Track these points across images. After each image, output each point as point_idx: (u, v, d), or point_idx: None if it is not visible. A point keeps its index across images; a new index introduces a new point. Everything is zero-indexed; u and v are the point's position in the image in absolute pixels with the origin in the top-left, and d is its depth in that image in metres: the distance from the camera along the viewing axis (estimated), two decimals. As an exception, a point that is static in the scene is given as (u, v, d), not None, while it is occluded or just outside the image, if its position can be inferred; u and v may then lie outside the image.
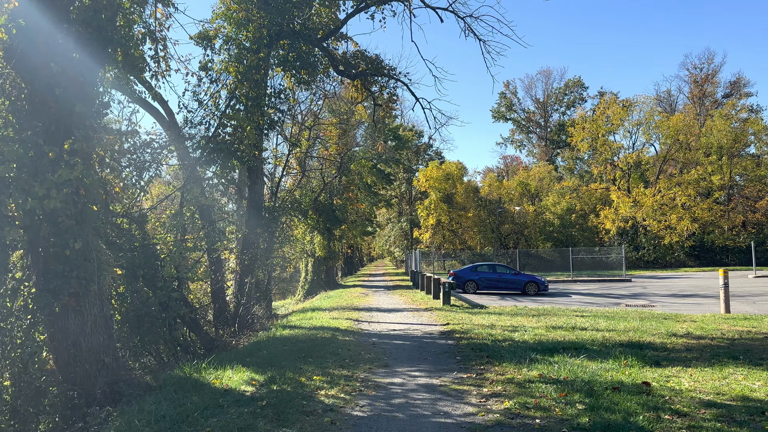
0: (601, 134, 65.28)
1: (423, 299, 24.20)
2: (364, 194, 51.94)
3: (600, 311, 18.47)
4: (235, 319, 14.36)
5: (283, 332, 12.92)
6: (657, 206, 59.53)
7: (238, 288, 14.77)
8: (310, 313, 18.90)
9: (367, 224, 58.05)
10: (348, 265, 67.89)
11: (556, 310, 18.46)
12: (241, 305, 14.55)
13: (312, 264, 39.38)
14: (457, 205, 63.80)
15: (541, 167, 78.63)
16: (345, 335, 12.58)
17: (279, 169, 22.87)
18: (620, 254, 57.70)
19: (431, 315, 17.39)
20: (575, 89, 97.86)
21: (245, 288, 14.63)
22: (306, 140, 23.76)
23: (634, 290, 30.77)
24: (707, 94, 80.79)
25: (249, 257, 14.81)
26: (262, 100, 13.81)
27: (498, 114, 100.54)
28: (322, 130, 36.97)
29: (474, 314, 17.28)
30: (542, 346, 10.46)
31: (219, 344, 12.81)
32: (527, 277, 29.29)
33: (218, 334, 14.01)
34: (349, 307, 21.46)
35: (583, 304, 22.42)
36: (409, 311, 19.18)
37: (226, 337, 13.58)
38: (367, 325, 14.75)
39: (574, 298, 25.80)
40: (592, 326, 13.62)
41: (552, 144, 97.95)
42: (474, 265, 30.80)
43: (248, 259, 14.77)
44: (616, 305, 21.75)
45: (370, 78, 15.94)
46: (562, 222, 66.46)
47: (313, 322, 15.00)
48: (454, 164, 65.86)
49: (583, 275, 45.50)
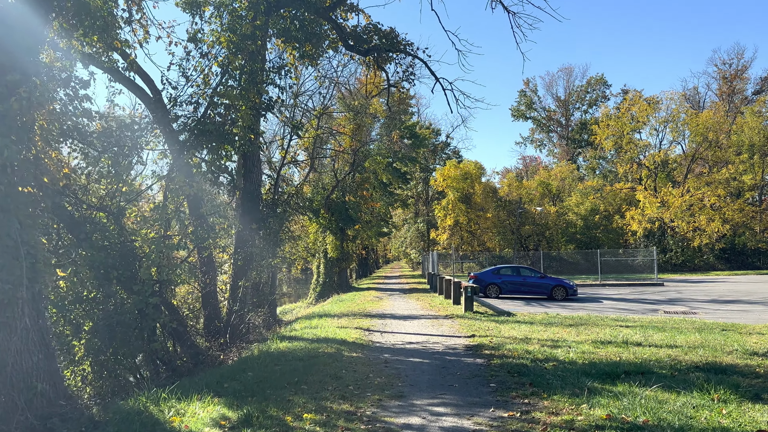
0: (626, 132, 62.62)
1: (442, 304, 22.11)
2: (380, 193, 49.94)
3: (644, 320, 16.28)
4: (226, 329, 12.41)
5: (280, 345, 10.94)
6: (685, 207, 56.74)
7: (231, 293, 12.81)
8: (317, 320, 16.91)
9: (382, 225, 56.02)
10: (362, 266, 65.90)
11: (594, 319, 16.28)
12: (233, 313, 12.56)
13: (324, 265, 37.41)
14: (476, 206, 61.52)
15: (563, 167, 75.97)
16: (352, 350, 10.56)
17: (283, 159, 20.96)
18: (647, 257, 55.23)
19: (453, 324, 15.29)
20: (598, 87, 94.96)
21: (238, 293, 12.66)
22: (314, 129, 21.81)
23: (668, 295, 28.44)
24: (737, 91, 77.72)
25: (242, 257, 12.80)
26: (258, 75, 11.86)
27: (517, 112, 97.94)
28: (334, 124, 35.05)
29: (501, 323, 15.15)
30: (597, 370, 8.33)
31: (205, 359, 10.87)
32: (554, 280, 27.04)
33: (209, 345, 12.10)
34: (360, 313, 19.44)
35: (618, 311, 20.35)
36: (427, 319, 17.10)
37: (214, 350, 11.62)
38: (380, 336, 12.72)
39: (606, 305, 23.62)
40: (646, 340, 11.45)
41: (573, 143, 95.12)
42: (496, 268, 28.61)
43: (242, 260, 12.77)
44: (654, 312, 19.87)
45: (385, 55, 13.96)
46: (586, 223, 63.83)
47: (318, 332, 13.01)
48: (473, 163, 63.65)
49: (611, 279, 43.05)
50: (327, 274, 37.28)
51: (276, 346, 10.77)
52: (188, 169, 11.49)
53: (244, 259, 12.73)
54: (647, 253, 55.63)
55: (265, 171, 13.64)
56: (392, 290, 34.02)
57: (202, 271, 12.64)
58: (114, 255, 11.17)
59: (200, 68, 12.10)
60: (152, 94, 13.01)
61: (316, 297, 36.84)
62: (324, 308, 25.01)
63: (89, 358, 11.11)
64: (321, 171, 32.72)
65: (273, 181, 12.77)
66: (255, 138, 12.46)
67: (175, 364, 10.73)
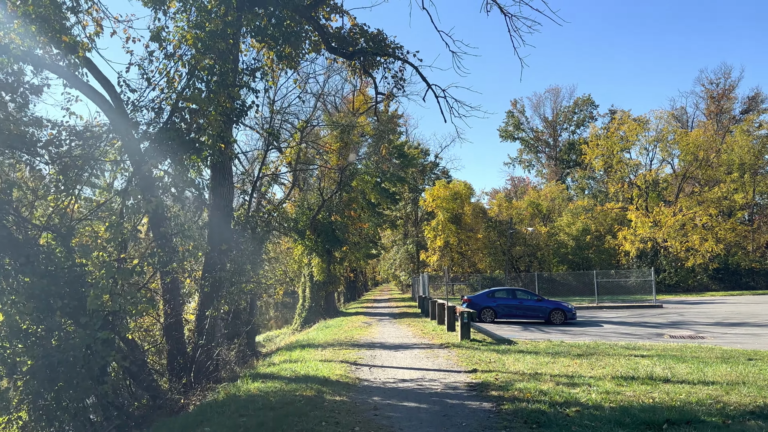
0: (615, 152, 61.99)
1: (435, 331, 20.58)
2: (368, 214, 48.54)
3: (656, 347, 14.93)
4: (190, 367, 10.74)
5: (252, 386, 9.37)
6: (678, 226, 55.87)
7: (197, 324, 11.19)
8: (299, 351, 15.31)
9: (371, 246, 54.49)
10: (350, 290, 64.12)
11: (603, 348, 14.84)
12: (199, 348, 10.89)
13: (310, 289, 35.80)
14: (466, 226, 60.29)
15: (553, 187, 75.14)
16: (336, 391, 9.01)
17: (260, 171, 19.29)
18: (641, 277, 54.07)
19: (449, 355, 13.77)
20: (585, 107, 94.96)
21: (205, 324, 11.03)
22: (297, 144, 20.32)
23: (670, 318, 27.17)
24: (724, 110, 77.74)
25: (210, 283, 11.19)
26: (229, 77, 10.46)
27: (505, 133, 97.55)
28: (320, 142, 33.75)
29: (503, 354, 13.66)
30: (632, 418, 6.87)
31: (164, 403, 9.25)
32: (552, 303, 25.63)
33: (170, 386, 10.44)
34: (347, 342, 17.85)
35: (622, 337, 19.07)
36: (420, 348, 15.56)
37: (174, 392, 9.96)
38: (368, 373, 11.17)
39: (607, 329, 22.28)
40: (673, 375, 10.03)
41: (562, 164, 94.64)
42: (491, 290, 27.16)
43: (209, 286, 11.15)
44: (659, 337, 18.68)
45: (372, 58, 12.66)
46: (578, 243, 62.73)
47: (298, 367, 11.44)
48: (462, 183, 62.63)
49: (606, 300, 41.72)
50: (313, 298, 35.65)
51: (246, 388, 9.20)
52: (149, 182, 10.03)
53: (212, 285, 11.08)
54: (641, 274, 54.60)
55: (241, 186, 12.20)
56: (381, 315, 32.40)
57: (165, 299, 11.04)
58: (60, 282, 9.62)
59: (164, 70, 10.70)
60: (113, 102, 11.57)
61: (302, 323, 35.17)
62: (309, 336, 23.38)
63: (27, 403, 9.48)
64: (306, 189, 31.25)
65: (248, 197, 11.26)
66: (226, 147, 11.01)
67: (128, 409, 9.11)
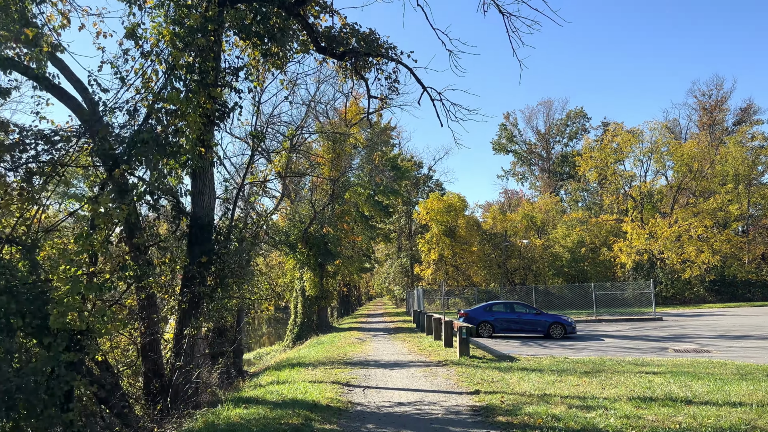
0: (609, 163, 61.66)
1: (432, 347, 19.70)
2: (361, 227, 47.78)
3: (666, 362, 14.16)
4: (167, 391, 9.79)
5: (233, 414, 8.47)
6: (674, 237, 55.41)
7: (175, 344, 10.25)
8: (287, 371, 14.38)
9: (364, 260, 53.61)
10: (344, 304, 63.09)
11: (612, 364, 14.04)
12: (176, 370, 9.94)
13: (302, 304, 34.82)
14: (460, 239, 59.58)
15: (547, 199, 74.63)
16: (325, 419, 8.13)
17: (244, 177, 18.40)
18: (639, 289, 53.41)
19: (449, 373, 12.90)
20: (578, 120, 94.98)
21: (183, 344, 10.10)
22: (286, 152, 19.54)
23: (671, 331, 26.43)
24: (717, 122, 77.72)
25: (189, 299, 10.28)
26: (209, 76, 9.68)
27: (498, 146, 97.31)
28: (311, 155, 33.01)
29: (505, 372, 12.82)
30: (660, 448, 6.05)
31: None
32: (551, 317, 24.82)
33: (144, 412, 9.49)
34: (339, 360, 16.94)
35: (625, 351, 18.34)
36: (417, 367, 14.68)
37: (147, 420, 8.99)
38: (361, 395, 10.29)
39: (609, 343, 21.52)
40: (693, 394, 9.23)
41: (555, 176, 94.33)
42: (488, 304, 26.34)
43: (187, 302, 10.25)
44: (663, 351, 18.00)
45: (363, 59, 11.94)
46: (573, 256, 62.11)
47: (285, 390, 10.53)
48: (456, 196, 62.04)
49: (604, 313, 40.94)
50: (305, 313, 34.68)
51: (227, 416, 8.30)
52: (122, 189, 9.21)
53: (190, 301, 10.15)
54: (637, 286, 54.05)
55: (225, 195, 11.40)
56: (376, 330, 31.46)
57: (141, 317, 10.13)
58: (21, 299, 8.74)
59: (140, 70, 9.91)
60: (86, 105, 10.76)
61: (293, 339, 34.17)
62: (300, 353, 22.43)
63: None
64: (298, 201, 30.41)
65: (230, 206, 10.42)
66: (206, 151, 10.17)
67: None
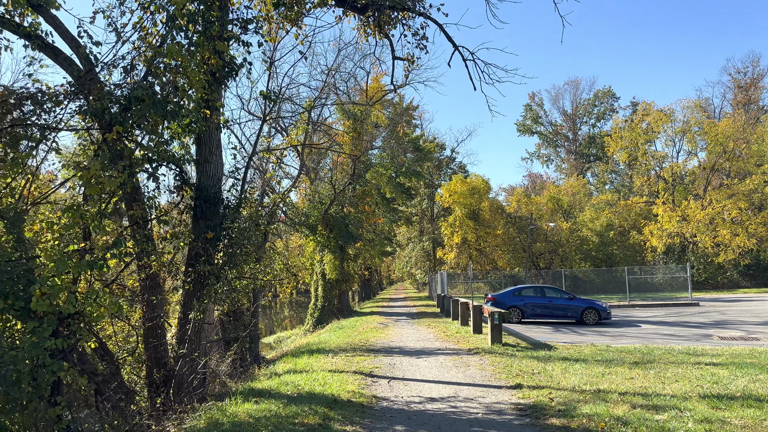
0: (640, 144, 59.37)
1: (459, 333, 18.53)
2: (383, 209, 46.60)
3: (727, 352, 12.84)
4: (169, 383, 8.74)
5: (241, 410, 7.41)
6: (707, 220, 53.22)
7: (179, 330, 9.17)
8: (306, 357, 13.34)
9: (386, 243, 52.49)
10: (365, 288, 62.17)
11: (661, 353, 12.72)
12: (180, 358, 8.88)
13: (323, 287, 33.88)
14: (484, 222, 58.03)
15: (574, 181, 72.41)
16: (346, 418, 7.02)
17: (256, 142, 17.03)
18: (670, 274, 51.58)
19: (482, 363, 11.72)
20: (606, 100, 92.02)
21: (187, 329, 9.02)
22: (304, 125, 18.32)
23: (712, 317, 24.84)
24: (752, 101, 74.49)
25: (194, 279, 9.19)
26: (213, 27, 8.51)
27: (523, 127, 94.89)
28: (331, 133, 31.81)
29: (545, 362, 11.60)
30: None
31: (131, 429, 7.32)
32: (585, 302, 23.43)
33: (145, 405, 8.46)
34: (362, 346, 15.87)
35: (665, 338, 17.09)
36: (446, 355, 13.53)
37: (145, 417, 7.94)
38: (386, 388, 9.18)
39: (647, 329, 20.12)
40: (770, 391, 7.91)
41: (582, 158, 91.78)
42: (517, 288, 25.03)
43: (192, 283, 9.15)
44: (707, 339, 16.63)
45: (387, 14, 10.67)
46: (601, 239, 60.20)
47: (302, 381, 9.46)
48: (480, 178, 60.37)
49: (636, 298, 39.29)
50: (326, 297, 33.74)
51: (234, 412, 7.25)
52: (117, 156, 8.15)
53: (195, 281, 9.07)
54: (668, 270, 52.24)
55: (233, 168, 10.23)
56: (398, 315, 30.40)
57: (144, 298, 9.07)
58: (4, 278, 7.75)
59: (139, 24, 8.79)
60: (82, 64, 9.69)
61: (314, 323, 33.31)
62: (320, 338, 21.45)
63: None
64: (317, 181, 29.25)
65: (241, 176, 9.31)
66: (212, 113, 9.02)
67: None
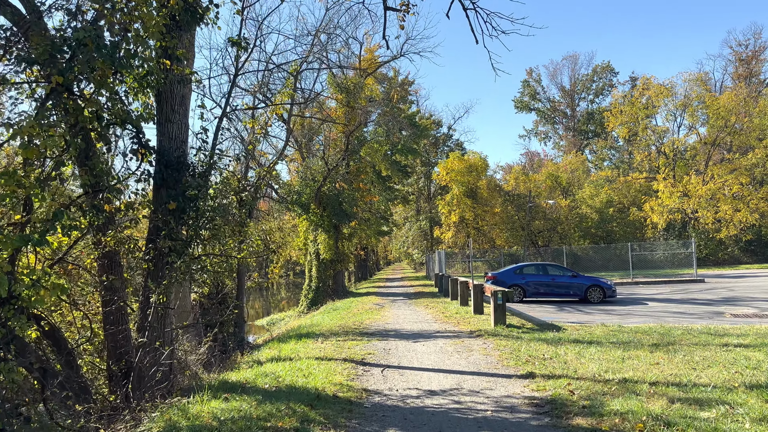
0: (641, 118, 58.08)
1: (459, 314, 17.49)
2: (379, 188, 45.40)
3: (752, 331, 11.90)
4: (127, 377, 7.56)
5: (205, 409, 6.22)
6: (709, 196, 52.26)
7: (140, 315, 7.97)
8: (293, 343, 12.27)
9: (382, 223, 51.36)
10: (362, 269, 61.18)
11: (680, 334, 11.68)
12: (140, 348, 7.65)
13: (317, 268, 32.81)
14: (482, 200, 56.90)
15: (573, 158, 71.15)
16: (330, 420, 5.90)
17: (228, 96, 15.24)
18: (670, 250, 50.75)
19: (487, 348, 10.66)
20: (604, 75, 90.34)
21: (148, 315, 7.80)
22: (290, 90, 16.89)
23: (719, 293, 23.86)
24: (754, 74, 73.09)
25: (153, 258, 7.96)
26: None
27: (521, 104, 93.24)
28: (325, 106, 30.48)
29: (555, 345, 10.55)
30: None
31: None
32: (589, 280, 22.42)
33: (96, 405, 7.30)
34: (355, 329, 14.82)
35: (676, 316, 16.14)
36: (446, 338, 12.47)
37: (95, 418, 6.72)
38: (379, 379, 8.11)
39: (654, 307, 19.15)
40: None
41: (580, 135, 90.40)
42: (518, 266, 23.97)
43: (153, 261, 7.91)
44: (719, 316, 15.68)
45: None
46: (601, 216, 59.20)
47: (283, 372, 8.36)
48: (478, 155, 59.12)
49: (639, 276, 38.35)
50: (320, 278, 32.68)
51: (197, 412, 6.11)
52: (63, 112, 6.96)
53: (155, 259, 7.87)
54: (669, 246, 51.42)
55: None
56: (395, 295, 29.39)
57: (100, 281, 7.88)
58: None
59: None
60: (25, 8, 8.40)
61: (309, 304, 32.30)
62: (312, 320, 20.42)
63: None
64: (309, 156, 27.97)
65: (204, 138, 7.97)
66: (173, 64, 7.78)
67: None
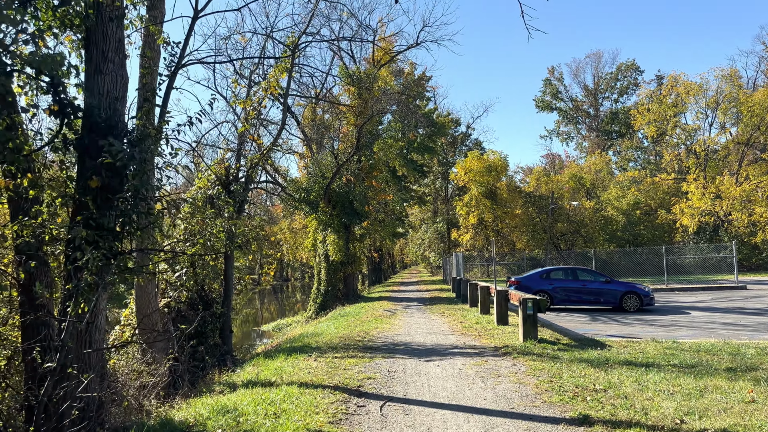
0: (669, 116, 55.24)
1: (480, 324, 15.35)
2: (393, 188, 43.30)
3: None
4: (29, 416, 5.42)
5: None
6: (744, 197, 49.35)
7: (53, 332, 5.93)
8: (282, 360, 10.27)
9: (397, 224, 49.23)
10: (375, 272, 59.02)
11: (754, 354, 9.43)
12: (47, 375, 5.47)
13: (325, 270, 30.83)
14: (502, 202, 54.49)
15: (597, 159, 68.34)
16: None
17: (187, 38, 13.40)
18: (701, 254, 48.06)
19: (518, 371, 8.54)
20: (629, 74, 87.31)
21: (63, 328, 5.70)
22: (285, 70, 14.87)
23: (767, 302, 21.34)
24: (788, 71, 69.68)
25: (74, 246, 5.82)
26: None
27: (542, 103, 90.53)
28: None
29: (604, 369, 8.40)
30: None
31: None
32: (624, 286, 20.11)
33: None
34: (359, 341, 12.76)
35: (726, 328, 13.83)
36: (466, 356, 10.36)
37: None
38: (376, 422, 6.04)
39: (698, 317, 16.85)
40: None
41: (604, 135, 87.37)
42: (545, 270, 21.74)
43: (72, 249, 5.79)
44: None
45: None
46: (628, 219, 56.39)
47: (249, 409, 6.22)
48: (497, 155, 56.75)
49: (672, 281, 35.80)
50: (329, 281, 30.69)
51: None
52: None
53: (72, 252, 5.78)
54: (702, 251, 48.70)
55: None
56: (409, 300, 27.28)
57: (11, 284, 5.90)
58: None
59: None
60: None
61: (317, 309, 30.34)
62: (316, 329, 18.41)
63: None
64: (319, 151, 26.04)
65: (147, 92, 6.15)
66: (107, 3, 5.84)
67: None
